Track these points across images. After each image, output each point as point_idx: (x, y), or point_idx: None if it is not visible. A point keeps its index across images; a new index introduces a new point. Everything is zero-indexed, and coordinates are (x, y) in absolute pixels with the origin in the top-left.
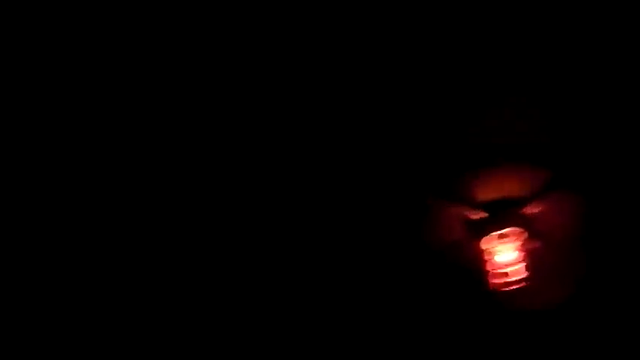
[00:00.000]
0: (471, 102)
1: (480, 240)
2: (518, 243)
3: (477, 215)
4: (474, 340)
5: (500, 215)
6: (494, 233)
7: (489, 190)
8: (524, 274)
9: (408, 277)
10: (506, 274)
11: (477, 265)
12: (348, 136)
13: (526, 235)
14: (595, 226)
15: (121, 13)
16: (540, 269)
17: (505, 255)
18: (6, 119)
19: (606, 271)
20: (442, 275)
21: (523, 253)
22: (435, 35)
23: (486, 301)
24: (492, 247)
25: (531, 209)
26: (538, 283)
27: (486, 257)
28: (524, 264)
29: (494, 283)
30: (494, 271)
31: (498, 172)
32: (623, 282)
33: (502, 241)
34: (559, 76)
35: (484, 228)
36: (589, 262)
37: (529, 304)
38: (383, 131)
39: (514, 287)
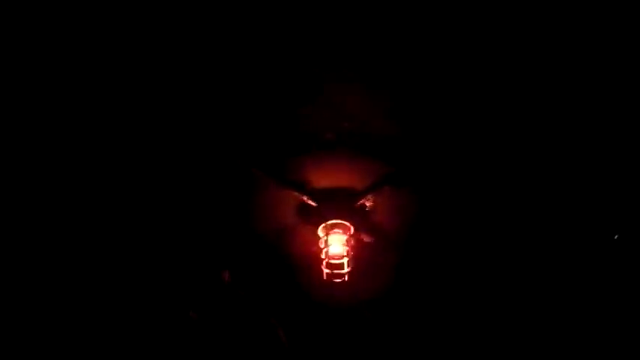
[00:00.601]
0: (317, 85)
1: (314, 227)
2: (345, 237)
3: (311, 202)
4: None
5: (332, 205)
6: (333, 221)
7: (324, 178)
8: (345, 269)
9: (238, 260)
10: (338, 265)
11: (309, 252)
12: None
13: (352, 229)
14: (423, 226)
15: (120, 13)
16: (362, 264)
17: (335, 247)
18: (6, 119)
19: (427, 271)
20: (272, 259)
21: (347, 248)
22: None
23: (314, 291)
24: (325, 237)
25: (363, 202)
26: (358, 279)
27: (322, 246)
28: (347, 259)
29: (327, 273)
30: (328, 260)
31: (336, 159)
32: (440, 281)
33: (333, 231)
34: (414, 72)
35: (317, 216)
36: (411, 260)
37: (348, 298)
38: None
39: (339, 280)
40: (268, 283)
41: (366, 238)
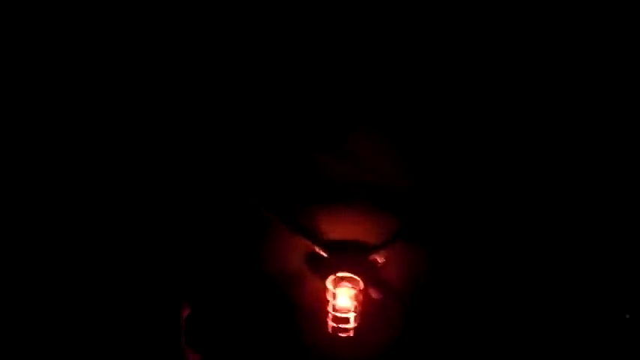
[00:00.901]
0: (342, 134)
1: (322, 278)
2: (354, 291)
3: (322, 252)
4: None
5: (343, 257)
6: (337, 275)
7: (336, 228)
8: (353, 325)
9: (244, 303)
10: (344, 320)
11: (316, 303)
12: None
13: (361, 284)
14: (434, 284)
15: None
16: (370, 320)
17: (343, 300)
18: (6, 119)
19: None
20: (278, 307)
21: (355, 303)
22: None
23: (317, 343)
24: (335, 289)
25: (375, 257)
26: (364, 335)
27: (330, 298)
28: (354, 314)
29: (332, 326)
30: (334, 313)
31: (349, 211)
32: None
33: (342, 284)
34: (441, 133)
35: (327, 267)
36: (420, 317)
37: (352, 354)
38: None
39: (344, 335)
40: (271, 330)
41: (375, 295)
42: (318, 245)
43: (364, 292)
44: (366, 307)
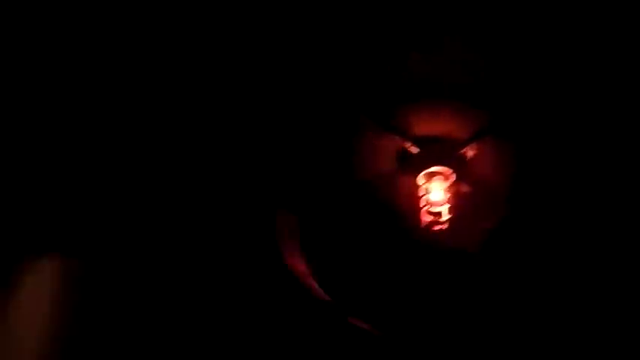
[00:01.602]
0: (419, 33)
1: (413, 175)
2: (447, 184)
3: (412, 149)
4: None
5: (435, 152)
6: (428, 170)
7: (426, 125)
8: (447, 216)
9: (336, 208)
10: (437, 214)
11: (408, 201)
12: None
13: (454, 176)
14: (524, 176)
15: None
16: (464, 212)
17: (436, 194)
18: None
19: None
20: (371, 207)
21: (449, 195)
22: None
23: (415, 237)
24: (426, 184)
25: (465, 151)
26: (460, 226)
27: (421, 193)
28: (448, 205)
29: (425, 221)
30: (427, 208)
31: (439, 108)
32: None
33: (434, 179)
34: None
35: (418, 163)
36: (511, 211)
37: (449, 245)
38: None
39: (439, 228)
40: (367, 230)
41: (466, 188)
42: (409, 142)
43: (455, 186)
44: (458, 202)
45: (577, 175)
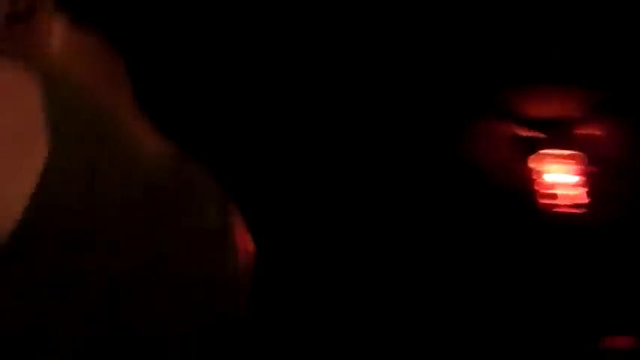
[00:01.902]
0: (531, 16)
1: (527, 158)
2: (577, 166)
3: (527, 133)
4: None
5: (555, 135)
6: (546, 151)
7: (541, 108)
8: (583, 199)
9: (451, 195)
10: (554, 195)
11: (524, 184)
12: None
13: (585, 158)
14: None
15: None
16: (596, 193)
17: (556, 175)
18: None
19: None
20: (488, 193)
21: (583, 178)
22: None
23: (534, 220)
24: (541, 166)
25: (586, 130)
26: (592, 206)
27: (535, 176)
28: (584, 189)
29: (543, 203)
30: (543, 190)
31: (552, 89)
32: None
33: (556, 161)
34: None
35: (534, 146)
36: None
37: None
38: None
39: (571, 210)
40: (483, 217)
41: (582, 168)
42: (523, 125)
43: (576, 166)
44: (580, 181)
45: None
